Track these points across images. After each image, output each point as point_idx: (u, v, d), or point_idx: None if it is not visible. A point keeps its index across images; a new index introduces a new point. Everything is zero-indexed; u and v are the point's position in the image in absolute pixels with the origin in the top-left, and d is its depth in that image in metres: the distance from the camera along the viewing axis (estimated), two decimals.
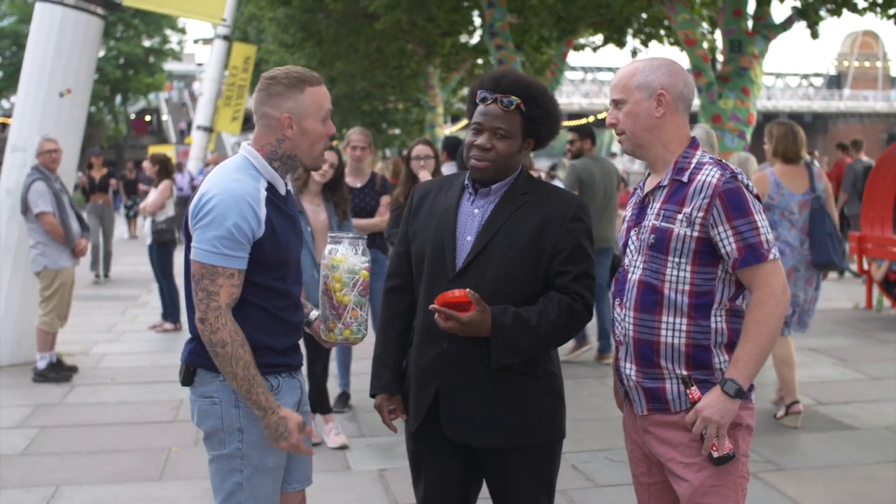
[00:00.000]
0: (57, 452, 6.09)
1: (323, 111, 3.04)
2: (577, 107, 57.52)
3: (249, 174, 2.97)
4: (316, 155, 3.09)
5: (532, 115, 3.11)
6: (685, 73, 3.01)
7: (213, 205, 2.88)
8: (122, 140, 56.33)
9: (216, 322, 2.86)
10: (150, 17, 45.26)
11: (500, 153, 3.09)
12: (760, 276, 2.83)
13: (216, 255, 2.86)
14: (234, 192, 2.89)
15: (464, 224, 3.15)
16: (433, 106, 26.90)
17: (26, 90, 8.77)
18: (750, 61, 11.35)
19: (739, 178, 2.85)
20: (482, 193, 3.17)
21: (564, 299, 3.04)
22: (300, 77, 3.01)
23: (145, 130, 60.48)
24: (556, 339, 3.11)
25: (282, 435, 2.93)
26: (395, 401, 3.30)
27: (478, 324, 2.93)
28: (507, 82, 3.11)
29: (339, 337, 3.08)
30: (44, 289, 8.05)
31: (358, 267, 3.06)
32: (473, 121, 3.15)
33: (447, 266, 3.11)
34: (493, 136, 3.09)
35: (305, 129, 3.01)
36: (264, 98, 3.01)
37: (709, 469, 2.86)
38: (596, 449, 6.02)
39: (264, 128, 3.03)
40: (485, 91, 3.13)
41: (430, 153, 6.65)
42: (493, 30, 17.11)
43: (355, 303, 3.06)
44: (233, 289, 2.89)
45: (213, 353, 2.89)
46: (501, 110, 3.09)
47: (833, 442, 6.18)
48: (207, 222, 2.88)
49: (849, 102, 63.47)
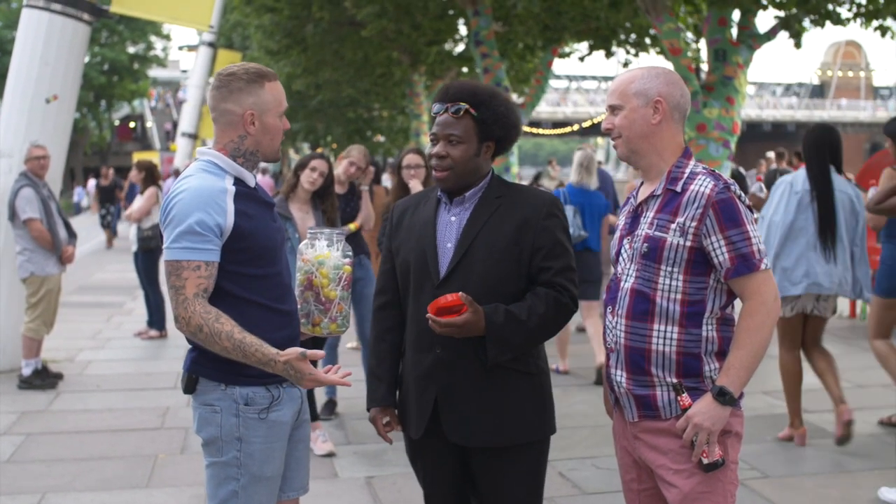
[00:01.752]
0: (43, 459, 6.07)
1: (281, 107, 3.07)
2: (562, 115, 57.64)
3: (212, 173, 2.99)
4: (276, 149, 3.13)
5: (483, 117, 3.19)
6: (682, 82, 3.04)
7: (175, 203, 2.91)
8: (105, 147, 56.15)
9: (185, 312, 2.86)
10: (134, 24, 45.16)
11: (455, 160, 3.17)
12: (752, 286, 2.86)
13: (179, 251, 2.88)
14: (196, 188, 2.91)
15: (443, 232, 3.22)
16: (418, 114, 26.87)
17: (12, 96, 8.74)
18: (734, 70, 11.43)
19: (732, 188, 2.89)
20: (457, 202, 3.24)
21: (551, 293, 3.12)
22: (259, 73, 3.02)
23: (129, 137, 60.30)
24: (546, 333, 3.18)
25: (295, 376, 2.89)
26: (389, 413, 3.34)
27: (473, 324, 2.99)
28: (454, 90, 3.22)
29: (324, 331, 3.13)
30: (30, 295, 8.02)
31: (341, 263, 3.12)
32: (430, 133, 3.25)
33: (432, 274, 3.17)
34: (448, 143, 3.18)
35: (266, 125, 3.03)
36: (224, 94, 3.01)
37: (698, 476, 2.89)
38: (583, 456, 6.04)
39: (225, 125, 3.04)
40: (437, 103, 3.24)
41: (420, 162, 6.67)
42: (478, 38, 17.14)
43: (340, 297, 3.11)
44: (200, 280, 2.88)
45: (198, 342, 2.89)
46: (452, 117, 3.18)
47: (818, 449, 6.22)
48: (171, 220, 2.91)
49: (832, 112, 63.85)
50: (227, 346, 2.85)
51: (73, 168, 47.18)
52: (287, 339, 3.07)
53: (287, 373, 2.87)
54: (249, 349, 2.84)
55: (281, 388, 3.06)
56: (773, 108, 63.76)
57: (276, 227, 3.16)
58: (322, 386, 3.00)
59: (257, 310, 2.99)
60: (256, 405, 3.00)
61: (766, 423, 6.75)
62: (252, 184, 3.09)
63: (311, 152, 6.53)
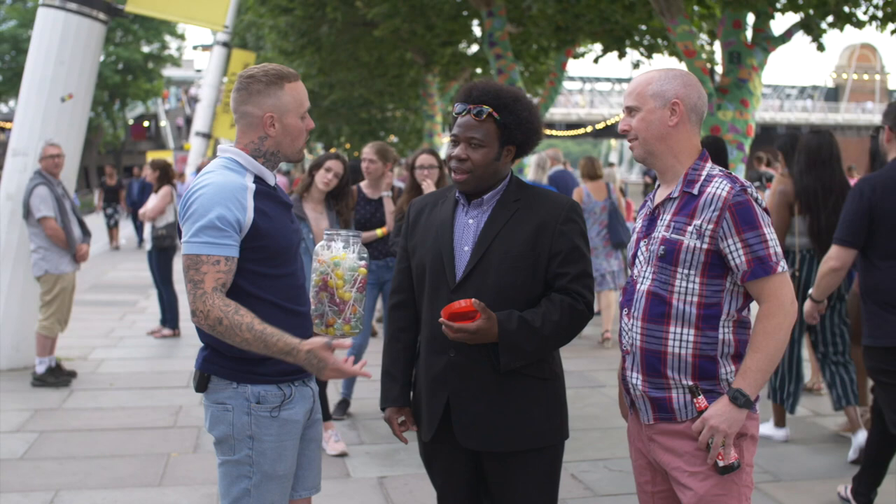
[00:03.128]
0: (56, 457, 6.09)
1: (302, 108, 3.07)
2: (576, 117, 57.56)
3: (233, 170, 3.00)
4: (298, 149, 3.14)
5: (506, 122, 3.16)
6: (699, 85, 3.03)
7: (196, 198, 2.91)
8: (119, 146, 56.31)
9: (204, 306, 2.86)
10: (149, 23, 45.28)
11: (476, 163, 3.14)
12: (769, 289, 2.86)
13: (199, 245, 2.88)
14: (217, 184, 2.92)
15: (460, 235, 3.20)
16: (432, 115, 26.93)
17: (28, 95, 8.78)
18: (749, 73, 11.41)
19: (749, 191, 2.88)
20: (475, 204, 3.22)
21: (566, 300, 3.08)
22: (279, 74, 3.03)
23: (143, 136, 60.43)
24: (560, 340, 3.14)
25: (318, 366, 2.88)
26: (404, 412, 3.34)
27: (485, 331, 2.97)
28: (478, 92, 3.17)
29: (338, 332, 3.12)
30: (44, 293, 8.05)
31: (357, 265, 3.11)
32: (451, 133, 3.22)
33: (447, 277, 3.15)
34: (468, 146, 3.15)
35: (287, 126, 3.04)
36: (244, 97, 3.02)
37: (714, 478, 2.88)
38: (595, 458, 6.03)
39: (246, 126, 3.05)
40: (459, 104, 3.20)
41: (434, 163, 6.66)
42: (492, 39, 17.16)
43: (355, 299, 3.11)
44: (219, 274, 2.89)
45: (217, 335, 2.87)
46: (475, 120, 3.15)
47: (830, 453, 6.20)
48: (191, 214, 2.91)
49: (846, 115, 63.60)
50: (247, 337, 2.83)
51: (86, 167, 47.29)
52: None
53: (310, 362, 2.86)
54: (271, 339, 2.83)
55: (293, 387, 3.06)
56: (786, 111, 63.44)
57: (294, 227, 3.17)
58: (343, 377, 2.99)
59: (270, 308, 2.99)
60: (268, 403, 3.01)
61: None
62: (272, 183, 3.10)
63: (326, 152, 6.52)
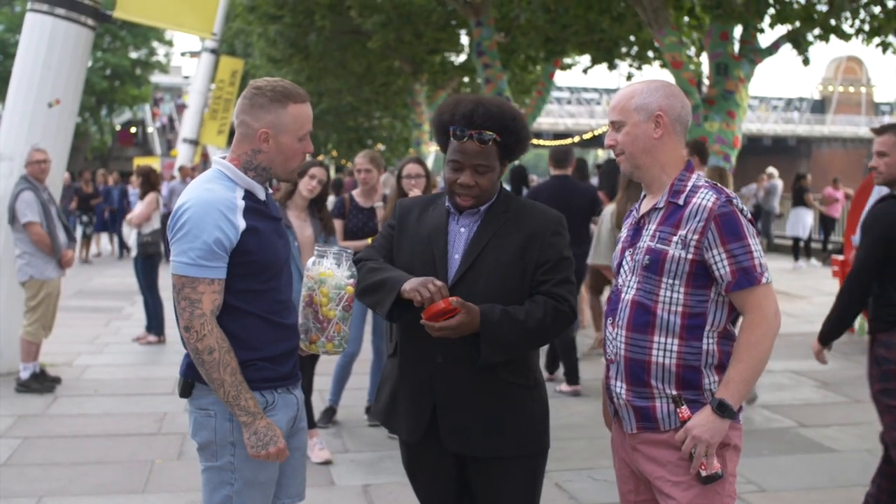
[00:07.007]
0: (40, 463, 6.06)
1: (302, 130, 3.04)
2: (563, 126, 57.65)
3: (223, 184, 2.98)
4: (290, 170, 3.10)
5: (507, 143, 3.17)
6: (682, 95, 3.05)
7: (188, 217, 2.90)
8: (106, 151, 56.12)
9: (202, 329, 2.87)
10: (137, 29, 45.15)
11: (483, 188, 3.16)
12: (753, 300, 2.88)
13: (194, 267, 2.88)
14: (207, 202, 2.90)
15: (451, 243, 3.21)
16: (419, 123, 26.95)
17: (15, 100, 8.76)
18: (736, 85, 11.47)
19: (734, 202, 2.90)
20: (467, 213, 3.23)
21: (549, 301, 3.11)
22: (285, 92, 3.00)
23: (130, 142, 60.26)
24: (542, 337, 3.16)
25: (271, 440, 2.92)
26: None
27: (467, 324, 2.98)
28: (481, 118, 3.12)
29: (320, 349, 3.12)
30: (29, 299, 8.02)
31: (344, 283, 3.09)
32: (451, 157, 3.17)
33: None
34: (475, 172, 3.13)
35: (281, 145, 3.01)
36: (247, 107, 3.02)
37: (696, 488, 2.89)
38: (579, 468, 6.03)
39: (242, 136, 3.05)
40: (458, 127, 3.14)
41: (421, 172, 6.68)
42: (480, 48, 17.19)
43: (339, 318, 3.09)
44: (214, 296, 2.90)
45: (199, 362, 2.88)
46: (479, 147, 3.12)
47: (815, 464, 6.22)
48: (183, 235, 2.90)
49: (832, 127, 63.86)
50: (226, 378, 2.87)
51: (73, 173, 47.16)
52: (286, 353, 3.08)
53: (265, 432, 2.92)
54: (244, 393, 2.90)
55: (276, 394, 3.06)
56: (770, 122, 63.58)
57: (283, 242, 3.16)
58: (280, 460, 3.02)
59: (256, 322, 2.99)
60: None
61: (764, 437, 6.75)
62: (262, 196, 3.08)
63: (310, 160, 6.52)
